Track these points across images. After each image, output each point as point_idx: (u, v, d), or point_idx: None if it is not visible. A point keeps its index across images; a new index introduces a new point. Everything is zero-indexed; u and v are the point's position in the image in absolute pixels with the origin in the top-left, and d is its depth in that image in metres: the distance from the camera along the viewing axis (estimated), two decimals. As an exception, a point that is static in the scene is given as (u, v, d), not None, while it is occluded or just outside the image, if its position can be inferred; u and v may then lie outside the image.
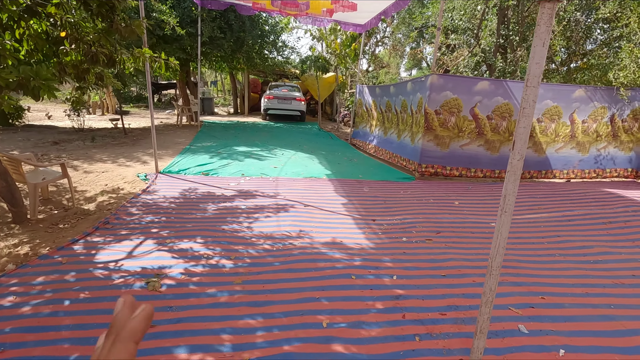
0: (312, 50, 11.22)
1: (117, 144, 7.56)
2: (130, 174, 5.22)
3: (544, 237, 3.53)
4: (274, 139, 9.24)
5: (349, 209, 4.10)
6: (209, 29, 8.77)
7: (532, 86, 1.10)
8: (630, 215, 4.14)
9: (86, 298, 2.17)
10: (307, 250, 2.97)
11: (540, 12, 1.04)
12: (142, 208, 3.82)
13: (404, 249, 3.11)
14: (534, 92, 1.10)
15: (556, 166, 5.82)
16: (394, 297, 2.34)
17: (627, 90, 5.49)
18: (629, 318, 2.24)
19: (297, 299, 2.26)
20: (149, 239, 3.03)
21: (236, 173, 5.49)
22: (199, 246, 2.93)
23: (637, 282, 2.71)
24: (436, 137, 5.52)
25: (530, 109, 1.13)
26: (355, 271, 2.64)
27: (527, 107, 1.12)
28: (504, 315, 2.20)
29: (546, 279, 2.69)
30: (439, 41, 5.44)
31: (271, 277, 2.52)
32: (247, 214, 3.78)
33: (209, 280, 2.43)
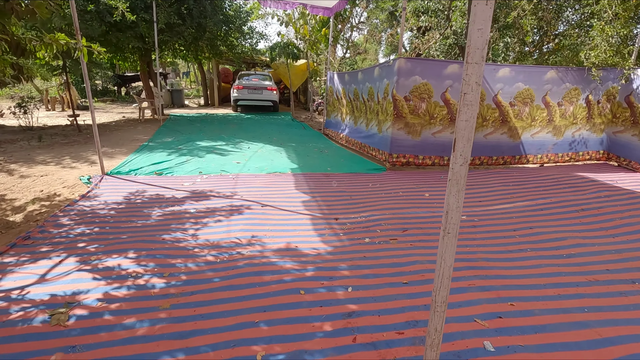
0: (281, 37, 10.68)
1: (67, 142, 6.96)
2: (72, 177, 4.72)
3: (516, 230, 3.31)
4: (242, 131, 8.79)
5: (310, 207, 3.78)
6: (165, 14, 8.13)
7: (474, 62, 0.78)
8: (603, 201, 3.98)
9: (-32, 341, 1.78)
10: (255, 260, 2.63)
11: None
12: (76, 217, 3.38)
13: (365, 252, 2.82)
14: (477, 70, 0.79)
15: (530, 151, 5.65)
16: (346, 314, 2.04)
17: (599, 70, 5.32)
18: (604, 324, 2.02)
19: (232, 325, 1.93)
20: (72, 257, 2.62)
21: (193, 171, 5.07)
22: (128, 262, 2.55)
23: (611, 278, 2.51)
24: (407, 124, 5.23)
25: (473, 95, 0.81)
26: (306, 284, 2.33)
27: (470, 92, 0.81)
28: (469, 330, 1.94)
29: (516, 281, 2.45)
30: (404, 21, 5.11)
31: (206, 297, 2.17)
32: (195, 218, 3.40)
33: (130, 307, 2.06)
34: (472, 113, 0.84)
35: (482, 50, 0.78)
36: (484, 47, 0.78)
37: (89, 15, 7.48)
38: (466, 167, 0.88)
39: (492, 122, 5.33)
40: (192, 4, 8.86)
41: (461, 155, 0.86)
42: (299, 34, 10.84)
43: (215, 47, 10.47)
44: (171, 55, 11.93)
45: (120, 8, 6.80)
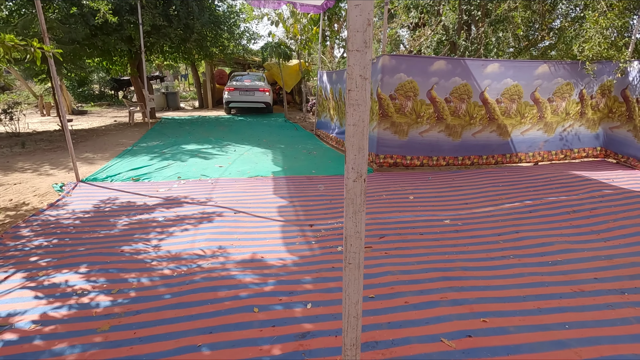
0: (272, 37, 10.51)
1: (51, 148, 6.83)
2: (46, 184, 4.58)
3: (500, 235, 3.11)
4: (232, 133, 8.63)
5: (286, 214, 3.60)
6: (151, 16, 7.99)
7: (354, 50, 0.59)
8: (597, 202, 3.77)
9: None
10: (214, 274, 2.46)
11: None
12: (37, 228, 3.22)
13: (334, 262, 2.64)
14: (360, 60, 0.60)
15: (521, 149, 5.43)
16: (299, 335, 1.86)
17: (593, 64, 5.09)
18: (585, 342, 1.82)
19: (170, 349, 1.76)
20: (20, 272, 2.46)
21: (172, 176, 4.91)
22: (77, 278, 2.38)
23: (599, 288, 2.31)
24: (393, 124, 5.04)
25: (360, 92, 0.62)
26: (262, 300, 2.15)
27: (354, 88, 0.62)
28: (433, 352, 1.75)
29: (494, 292, 2.26)
30: (386, 18, 4.92)
31: (151, 317, 2.00)
32: (161, 227, 3.24)
33: (65, 329, 1.89)
34: (360, 115, 0.65)
35: (364, 32, 0.59)
36: (365, 28, 0.59)
37: (73, 18, 7.36)
38: (361, 183, 0.70)
39: (479, 120, 5.12)
40: (178, 5, 8.72)
41: (353, 168, 0.67)
42: (290, 34, 10.66)
43: (204, 49, 10.31)
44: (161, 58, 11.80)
45: (102, 10, 6.67)
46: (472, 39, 6.85)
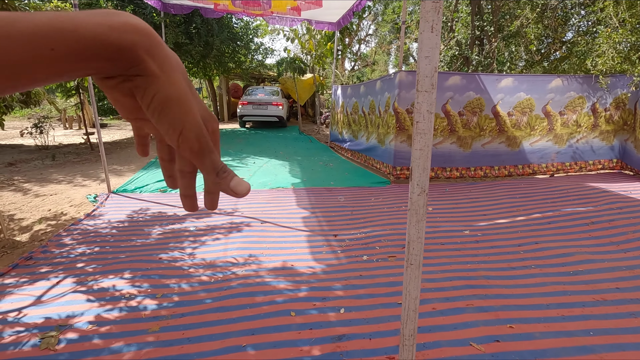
0: (288, 52, 10.85)
1: (80, 161, 7.15)
2: (80, 195, 4.83)
3: (521, 245, 3.20)
4: (249, 146, 8.88)
5: (310, 224, 3.75)
6: (174, 34, 8.38)
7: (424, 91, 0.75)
8: (615, 214, 3.83)
9: (-41, 366, 1.80)
10: (250, 280, 2.61)
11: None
12: (78, 237, 3.44)
13: (361, 270, 2.76)
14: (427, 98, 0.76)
15: (532, 160, 5.51)
16: (336, 337, 1.99)
17: (607, 77, 5.19)
18: (610, 348, 1.91)
19: (218, 349, 1.90)
20: (69, 277, 2.65)
21: (197, 188, 5.09)
22: (123, 283, 2.56)
23: (620, 298, 2.38)
24: (409, 137, 5.19)
25: (426, 124, 0.78)
26: (297, 305, 2.29)
27: (422, 120, 0.78)
28: (463, 355, 1.86)
29: (518, 300, 2.36)
30: (403, 36, 5.11)
31: (196, 319, 2.15)
32: (194, 237, 3.42)
33: (120, 330, 2.06)
34: (426, 142, 0.81)
35: (432, 77, 0.75)
36: (432, 74, 0.75)
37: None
38: (424, 197, 0.84)
39: (488, 131, 5.26)
40: (199, 23, 9.12)
41: (418, 184, 0.83)
42: (305, 49, 10.99)
43: (223, 64, 10.69)
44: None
45: (130, 30, 7.05)
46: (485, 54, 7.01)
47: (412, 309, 0.92)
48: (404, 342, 0.96)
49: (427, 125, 0.78)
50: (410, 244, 0.87)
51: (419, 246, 0.87)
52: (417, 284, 0.89)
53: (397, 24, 10.96)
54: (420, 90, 0.76)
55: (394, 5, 13.17)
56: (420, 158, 0.79)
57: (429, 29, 0.72)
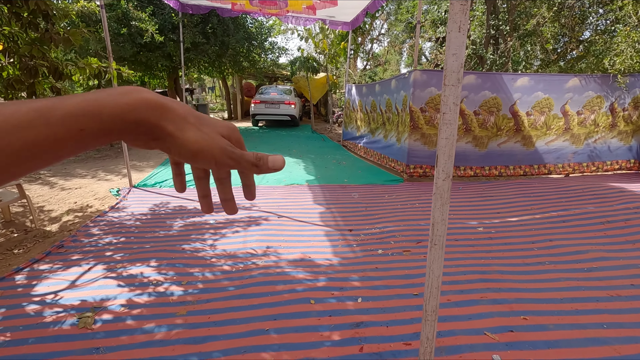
0: (301, 52, 10.96)
1: (100, 157, 7.40)
2: (104, 189, 5.02)
3: (535, 242, 3.24)
4: (263, 144, 9.02)
5: (326, 219, 3.84)
6: (191, 34, 8.57)
7: (450, 85, 0.84)
8: (632, 213, 3.82)
9: (6, 341, 1.95)
10: (270, 270, 2.72)
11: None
12: (105, 228, 3.60)
13: (377, 264, 2.84)
14: (453, 92, 0.84)
15: (548, 160, 5.49)
16: (354, 324, 2.08)
17: (625, 77, 5.14)
18: (624, 341, 1.95)
19: (243, 332, 2.01)
20: (100, 264, 2.80)
21: (213, 183, 5.25)
22: (150, 271, 2.70)
23: (635, 294, 2.41)
24: (423, 135, 5.24)
25: (452, 115, 0.87)
26: (317, 294, 2.38)
27: (448, 112, 0.86)
28: (478, 343, 1.92)
29: (532, 294, 2.40)
30: (419, 36, 5.16)
31: (220, 305, 2.27)
32: (214, 229, 3.55)
33: (150, 313, 2.19)
34: (451, 131, 0.89)
35: (458, 73, 0.84)
36: (459, 70, 0.83)
37: (122, 37, 8.00)
38: (449, 182, 0.93)
39: (506, 131, 5.26)
40: (215, 23, 9.29)
41: (443, 170, 0.91)
42: (319, 48, 11.08)
43: (237, 63, 10.86)
44: (196, 72, 12.47)
45: (150, 30, 7.26)
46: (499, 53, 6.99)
47: (435, 286, 1.00)
48: (427, 317, 1.04)
49: (452, 117, 0.87)
50: (434, 225, 0.96)
51: (443, 228, 0.95)
52: (440, 263, 0.97)
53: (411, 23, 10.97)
54: (447, 85, 0.84)
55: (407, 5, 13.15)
56: (446, 146, 0.88)
57: (457, 29, 0.80)
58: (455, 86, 0.84)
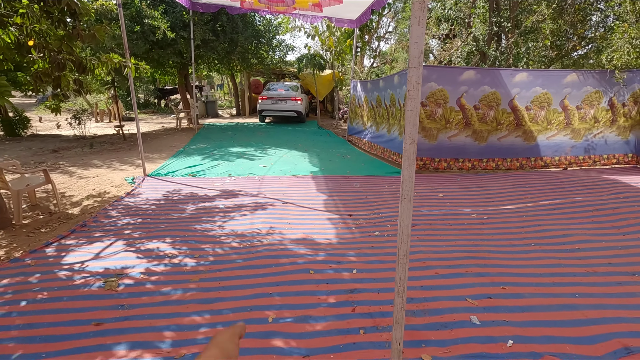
0: (308, 49, 11.18)
1: (114, 149, 7.73)
2: (119, 178, 5.33)
3: (524, 227, 3.43)
4: (270, 138, 9.27)
5: (327, 205, 4.08)
6: (201, 32, 8.86)
7: (413, 67, 1.06)
8: (621, 202, 3.98)
9: (43, 298, 2.23)
10: (274, 247, 2.97)
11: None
12: (122, 210, 3.89)
13: (373, 243, 3.07)
14: (415, 73, 1.06)
15: (546, 153, 5.64)
16: (348, 290, 2.32)
17: (623, 72, 5.27)
18: (592, 307, 2.15)
19: (249, 295, 2.26)
20: (120, 241, 3.08)
21: (223, 173, 5.54)
22: (165, 246, 2.97)
23: (612, 270, 2.60)
24: (424, 129, 5.43)
25: (415, 91, 1.09)
26: (316, 266, 2.62)
27: (412, 89, 1.08)
28: (458, 307, 2.15)
29: (513, 269, 2.61)
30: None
31: (229, 274, 2.53)
32: (223, 213, 3.81)
33: (166, 279, 2.45)
34: (415, 104, 1.11)
35: (419, 57, 1.05)
36: (419, 55, 1.05)
37: (135, 35, 8.32)
38: (414, 146, 1.15)
39: (506, 125, 5.42)
40: (225, 21, 9.57)
41: (409, 137, 1.13)
42: (325, 46, 11.29)
43: (246, 60, 11.14)
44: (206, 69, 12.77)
45: (162, 28, 7.55)
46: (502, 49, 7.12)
47: (405, 233, 1.22)
48: (399, 260, 1.26)
49: (415, 93, 1.08)
50: (403, 182, 1.17)
51: (410, 184, 1.17)
52: (409, 214, 1.19)
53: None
54: (411, 67, 1.05)
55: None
56: (410, 117, 1.09)
57: (417, 23, 1.01)
58: (417, 68, 1.05)
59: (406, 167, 1.15)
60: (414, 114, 1.10)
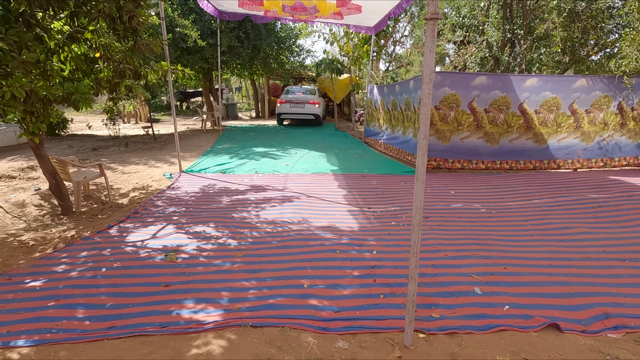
0: (326, 54, 11.64)
1: (147, 148, 8.34)
2: (157, 173, 5.87)
3: (529, 221, 3.75)
4: (290, 139, 9.75)
5: (348, 200, 4.48)
6: (227, 39, 9.43)
7: (426, 82, 1.46)
8: (624, 200, 4.24)
9: (118, 267, 2.72)
10: (303, 232, 3.40)
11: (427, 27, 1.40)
12: (167, 201, 4.40)
13: (390, 231, 3.47)
14: (427, 87, 1.46)
15: (558, 155, 5.90)
16: (369, 267, 2.72)
17: (631, 77, 5.50)
18: (582, 284, 2.49)
19: (286, 267, 2.70)
20: (170, 225, 3.57)
21: (250, 171, 6.02)
22: (210, 229, 3.44)
23: (605, 257, 2.92)
24: (437, 131, 5.78)
25: (427, 100, 1.48)
26: (341, 247, 3.04)
27: (425, 98, 1.48)
28: (464, 281, 2.52)
29: (515, 254, 2.96)
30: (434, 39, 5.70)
31: (267, 252, 2.97)
32: (255, 204, 4.27)
33: (215, 255, 2.91)
34: (426, 110, 1.50)
35: (430, 75, 1.45)
36: (430, 73, 1.44)
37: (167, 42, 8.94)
38: (426, 141, 1.54)
39: (516, 128, 5.71)
40: (249, 28, 10.13)
41: (423, 133, 1.53)
42: (343, 51, 11.73)
43: (267, 65, 11.68)
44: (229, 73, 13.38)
45: (194, 36, 8.14)
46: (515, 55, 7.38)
47: (419, 206, 1.61)
48: (414, 228, 1.66)
49: (427, 101, 1.48)
50: (418, 168, 1.57)
51: (423, 170, 1.56)
52: (422, 191, 1.58)
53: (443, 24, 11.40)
54: (425, 82, 1.45)
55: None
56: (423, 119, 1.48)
57: (429, 51, 1.41)
58: (428, 83, 1.45)
59: (420, 155, 1.55)
60: (426, 117, 1.49)
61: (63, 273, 2.62)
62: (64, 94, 2.95)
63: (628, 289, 2.44)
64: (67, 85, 2.97)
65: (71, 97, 2.95)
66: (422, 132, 1.51)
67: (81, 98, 2.95)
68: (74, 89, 2.94)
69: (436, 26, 1.41)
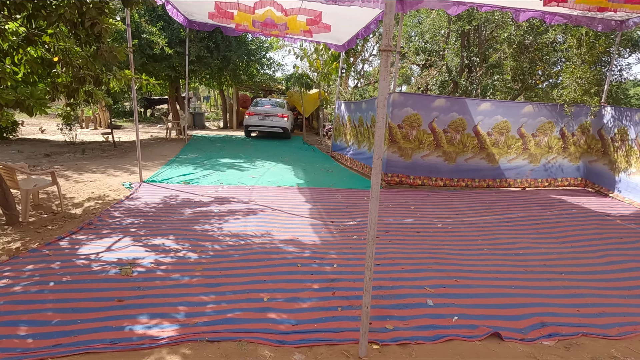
0: (296, 69, 11.84)
1: (106, 156, 7.99)
2: (116, 183, 5.65)
3: (480, 236, 4.01)
4: (258, 151, 9.73)
5: (312, 213, 4.55)
6: (196, 48, 9.35)
7: (380, 107, 1.58)
8: (563, 217, 4.64)
9: (68, 281, 2.59)
10: (266, 245, 3.41)
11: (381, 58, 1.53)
12: (124, 212, 4.24)
13: (351, 245, 3.56)
14: (382, 112, 1.58)
15: (509, 175, 6.35)
16: (329, 280, 2.79)
17: (571, 106, 6.08)
18: (523, 295, 2.70)
19: (247, 281, 2.70)
20: (127, 237, 3.45)
21: (215, 182, 5.94)
22: (170, 242, 3.36)
23: (545, 270, 3.18)
24: (400, 148, 6.04)
25: (381, 123, 1.61)
26: (302, 261, 3.09)
27: (379, 121, 1.60)
28: (419, 293, 2.65)
29: (466, 267, 3.15)
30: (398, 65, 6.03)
31: (229, 265, 2.95)
32: (218, 216, 4.22)
33: (174, 268, 2.85)
34: (380, 132, 1.63)
35: (384, 101, 1.57)
36: (384, 99, 1.57)
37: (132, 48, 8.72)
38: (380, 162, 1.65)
39: (471, 148, 6.11)
40: (219, 39, 10.11)
41: (377, 154, 1.64)
42: (313, 67, 11.99)
43: (237, 76, 11.67)
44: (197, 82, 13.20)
45: (160, 43, 8.01)
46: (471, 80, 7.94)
47: (374, 222, 1.71)
48: (369, 242, 1.75)
49: (382, 124, 1.60)
50: (373, 186, 1.68)
51: (377, 188, 1.67)
52: (376, 207, 1.69)
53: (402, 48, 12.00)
54: (379, 107, 1.57)
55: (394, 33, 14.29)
56: (379, 140, 1.61)
57: (383, 79, 1.54)
58: (382, 108, 1.57)
59: (375, 175, 1.66)
60: (380, 139, 1.61)
61: (4, 288, 2.46)
62: (17, 98, 2.81)
63: (562, 300, 2.67)
64: (20, 90, 2.85)
65: (25, 102, 2.82)
66: (376, 153, 1.62)
67: (36, 103, 2.83)
68: (29, 94, 2.82)
69: (390, 57, 1.54)
